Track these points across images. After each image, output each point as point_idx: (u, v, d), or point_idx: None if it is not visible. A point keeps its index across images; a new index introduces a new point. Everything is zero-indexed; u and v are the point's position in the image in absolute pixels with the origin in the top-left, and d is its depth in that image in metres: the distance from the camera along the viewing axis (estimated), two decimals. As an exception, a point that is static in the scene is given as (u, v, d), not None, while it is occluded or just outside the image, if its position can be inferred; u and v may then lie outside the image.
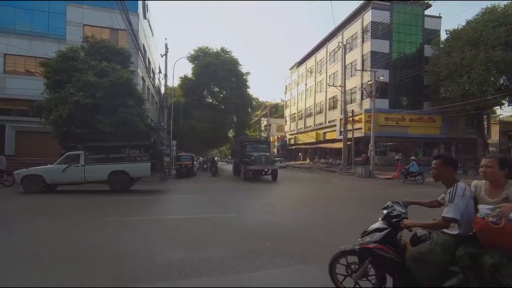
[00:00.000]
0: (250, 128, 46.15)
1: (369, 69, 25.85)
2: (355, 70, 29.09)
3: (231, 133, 43.10)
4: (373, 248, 2.75)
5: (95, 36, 18.82)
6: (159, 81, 32.00)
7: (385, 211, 2.90)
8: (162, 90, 22.20)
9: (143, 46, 25.10)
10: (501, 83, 24.51)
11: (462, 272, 2.33)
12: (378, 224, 2.87)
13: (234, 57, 36.36)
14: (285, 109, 55.80)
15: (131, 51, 18.39)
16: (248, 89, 37.10)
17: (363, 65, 28.54)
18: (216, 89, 37.05)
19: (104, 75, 15.49)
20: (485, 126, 28.81)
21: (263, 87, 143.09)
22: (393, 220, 2.73)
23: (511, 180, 2.35)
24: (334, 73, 34.75)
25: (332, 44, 35.19)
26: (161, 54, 20.27)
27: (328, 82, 34.79)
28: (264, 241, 5.19)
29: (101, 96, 14.84)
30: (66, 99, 14.42)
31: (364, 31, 28.99)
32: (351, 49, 30.65)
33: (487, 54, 21.48)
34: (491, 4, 25.65)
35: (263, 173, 19.01)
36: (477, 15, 24.94)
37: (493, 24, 22.35)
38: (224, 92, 36.05)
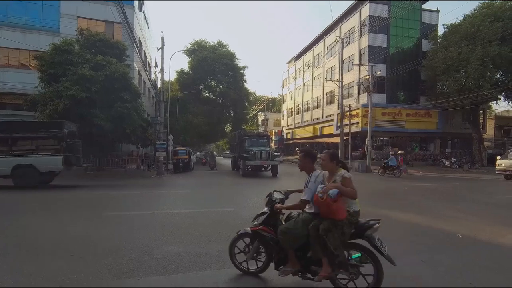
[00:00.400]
0: (248, 123, 46.09)
1: (367, 64, 25.81)
2: (353, 64, 29.05)
3: (228, 128, 43.05)
4: (258, 229, 3.33)
5: (90, 29, 18.57)
6: (156, 75, 31.75)
7: (267, 198, 3.50)
8: (159, 84, 22.03)
9: (139, 40, 24.82)
10: (497, 78, 24.61)
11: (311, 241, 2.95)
12: (265, 209, 3.43)
13: (231, 50, 36.14)
14: (282, 103, 55.71)
15: (127, 44, 18.18)
16: (245, 83, 37.01)
17: (360, 59, 28.48)
18: (213, 83, 36.87)
19: (100, 69, 15.33)
20: (481, 121, 29.01)
21: (260, 81, 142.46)
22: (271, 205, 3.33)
23: (341, 169, 3.06)
24: (331, 68, 34.66)
25: (330, 38, 35.03)
26: (157, 48, 20.07)
27: (325, 76, 34.72)
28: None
29: (96, 90, 14.72)
30: (62, 93, 14.28)
31: (362, 25, 28.86)
32: (349, 43, 30.54)
33: (484, 49, 21.51)
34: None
35: (263, 169, 18.49)
36: (474, 10, 24.92)
37: (490, 18, 22.34)
38: (221, 87, 35.91)
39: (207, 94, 38.24)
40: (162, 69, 19.61)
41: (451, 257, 4.30)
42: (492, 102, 29.17)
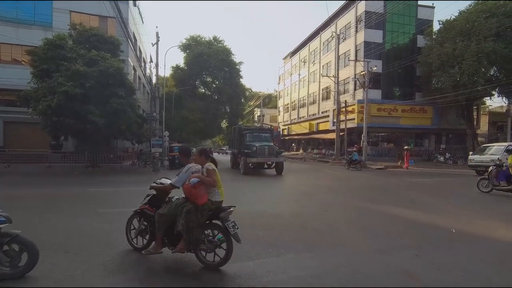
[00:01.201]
0: (244, 119, 46.05)
1: (362, 60, 25.83)
2: (349, 60, 29.06)
3: (224, 124, 42.98)
4: (143, 208, 4.01)
5: (83, 24, 18.30)
6: (151, 70, 31.47)
7: (154, 184, 4.09)
8: (154, 80, 21.84)
9: (133, 35, 24.56)
10: (491, 74, 24.80)
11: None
12: (151, 192, 4.12)
13: (226, 46, 35.95)
14: (279, 99, 55.65)
15: (121, 39, 17.96)
16: (241, 79, 36.92)
17: (356, 55, 28.50)
18: (208, 79, 36.69)
19: (94, 64, 15.15)
20: (475, 117, 29.28)
21: (256, 77, 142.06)
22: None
23: (210, 162, 3.78)
24: (327, 63, 34.64)
25: (326, 34, 34.95)
26: (152, 43, 19.85)
27: (321, 72, 34.70)
28: (256, 230, 5.24)
29: (91, 86, 14.54)
30: (55, 89, 14.09)
31: (357, 20, 28.82)
32: (345, 39, 30.50)
33: (479, 45, 21.63)
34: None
35: (266, 166, 16.98)
36: (469, 6, 24.99)
37: (485, 14, 22.43)
38: (217, 82, 35.74)
39: (203, 90, 38.06)
40: (157, 65, 19.46)
41: (444, 251, 4.36)
42: (486, 98, 29.43)
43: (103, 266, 3.67)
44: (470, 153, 17.47)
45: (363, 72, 23.97)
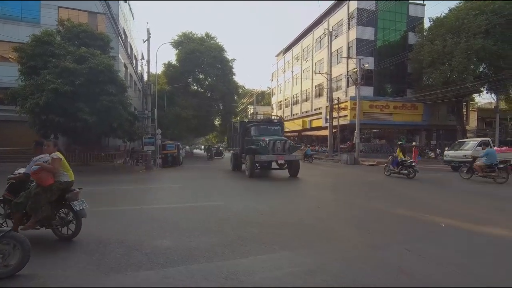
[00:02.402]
0: (237, 116, 45.98)
1: (355, 57, 25.97)
2: (341, 57, 29.17)
3: (217, 121, 42.79)
4: (4, 195, 4.50)
5: (72, 20, 17.93)
6: (142, 67, 31.08)
7: (11, 175, 4.68)
8: (145, 77, 21.57)
9: (124, 31, 24.19)
10: (480, 70, 25.21)
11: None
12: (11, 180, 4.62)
13: (219, 43, 35.70)
14: (272, 96, 55.64)
15: (111, 36, 17.67)
16: (234, 76, 36.72)
17: (348, 52, 28.62)
18: (201, 76, 36.42)
19: (83, 61, 14.88)
20: (464, 113, 29.78)
21: (249, 74, 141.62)
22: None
23: (57, 152, 4.47)
24: (320, 60, 34.73)
25: (318, 31, 35.00)
26: (143, 40, 19.56)
27: (314, 69, 34.79)
28: (251, 228, 5.24)
29: (80, 83, 14.30)
30: (43, 86, 13.81)
31: (350, 17, 28.92)
32: (337, 36, 30.60)
33: (468, 42, 21.95)
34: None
35: (277, 166, 13.90)
36: (459, 3, 25.30)
37: (475, 12, 22.74)
38: (210, 79, 35.50)
39: (196, 87, 37.77)
40: (148, 62, 19.20)
41: (434, 245, 4.43)
42: (475, 94, 29.94)
43: (96, 265, 3.62)
44: (446, 148, 17.74)
45: (355, 69, 24.11)
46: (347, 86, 29.32)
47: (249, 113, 60.99)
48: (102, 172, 15.55)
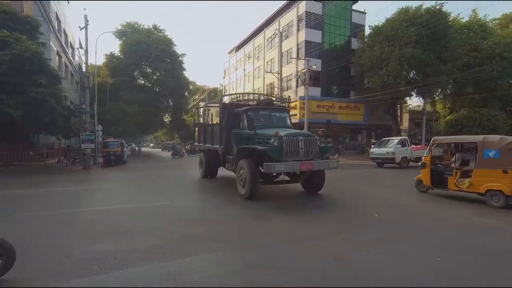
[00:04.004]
0: (188, 113, 44.63)
1: (303, 58, 27.01)
2: (291, 58, 30.11)
3: (167, 118, 41.07)
4: None
5: (-9, -2, 15.52)
6: (80, 57, 28.30)
7: None
8: (84, 68, 19.67)
9: (57, 16, 21.73)
10: (411, 76, 28.17)
11: None
12: None
13: (168, 36, 34.17)
14: (224, 94, 55.22)
15: (40, 20, 15.68)
16: (184, 72, 35.56)
17: (298, 53, 29.66)
18: (148, 70, 34.53)
19: (5, 47, 13.01)
20: (399, 114, 33.08)
21: (201, 70, 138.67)
22: None
23: None
24: (271, 60, 35.42)
25: (270, 31, 35.65)
26: (79, 27, 17.74)
27: (265, 68, 35.35)
28: (197, 227, 5.09)
29: (2, 72, 12.44)
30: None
31: (299, 19, 29.99)
32: (287, 37, 31.50)
33: (401, 50, 24.33)
34: (406, 5, 28.95)
35: (287, 178, 8.51)
36: (394, 14, 27.90)
37: (407, 23, 25.28)
38: (158, 74, 33.85)
39: (142, 81, 35.68)
40: (86, 51, 17.47)
41: (368, 234, 4.78)
42: (407, 97, 33.41)
43: (13, 276, 3.14)
44: (372, 146, 19.46)
45: (304, 70, 25.10)
46: (297, 86, 30.40)
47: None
48: (29, 173, 13.77)
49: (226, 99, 11.57)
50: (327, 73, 29.91)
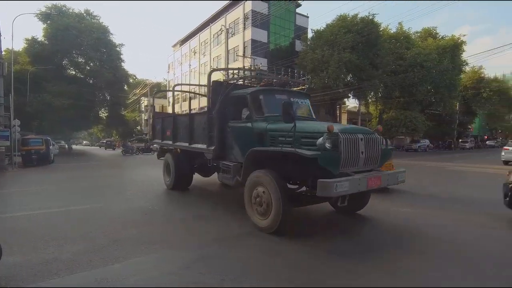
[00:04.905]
0: (127, 108, 41.61)
1: (250, 56, 27.22)
2: (237, 55, 30.11)
3: (103, 113, 37.66)
4: None
5: None
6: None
7: None
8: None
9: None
10: (348, 79, 30.48)
11: None
12: None
13: (103, 23, 31.28)
14: (168, 89, 52.82)
15: None
16: (122, 63, 32.94)
17: (244, 51, 29.80)
18: (80, 60, 31.17)
19: None
20: (338, 114, 35.55)
21: (143, 64, 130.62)
22: None
23: None
24: (218, 56, 34.98)
25: (216, 26, 35.14)
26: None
27: (212, 65, 34.78)
28: (130, 229, 4.66)
29: None
30: None
31: (245, 17, 30.13)
32: (234, 34, 31.42)
33: (340, 54, 26.12)
34: (343, 13, 31.30)
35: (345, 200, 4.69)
36: (333, 20, 29.85)
37: (344, 30, 27.23)
38: (92, 64, 30.78)
39: (73, 72, 32.06)
40: None
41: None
42: (346, 99, 36.12)
43: None
44: None
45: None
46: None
47: (141, 107, 56.15)
48: None
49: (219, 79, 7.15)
50: (272, 72, 30.58)
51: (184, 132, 7.42)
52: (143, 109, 58.05)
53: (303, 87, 7.25)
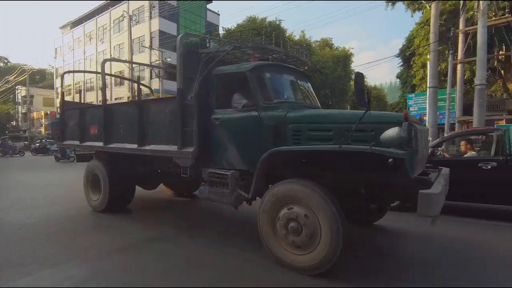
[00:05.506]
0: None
1: (157, 49, 25.53)
2: (142, 46, 27.87)
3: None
4: None
5: None
6: None
7: None
8: None
9: None
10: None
11: None
12: None
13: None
14: (56, 78, 44.80)
15: None
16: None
17: (151, 43, 27.79)
18: None
19: None
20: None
21: (19, 44, 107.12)
22: None
23: None
24: (120, 45, 31.60)
25: (117, 11, 31.60)
26: None
27: (112, 54, 31.19)
28: (4, 248, 3.70)
29: None
30: None
31: (151, 6, 28.10)
32: (138, 22, 28.89)
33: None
34: (253, 15, 32.58)
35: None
36: (244, 21, 30.80)
37: (255, 32, 28.45)
38: None
39: None
40: None
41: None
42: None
43: None
44: None
45: (158, 61, 23.78)
46: (151, 78, 28.46)
47: (17, 98, 46.31)
48: None
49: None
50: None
51: (129, 129, 5.06)
52: (19, 100, 47.78)
53: (305, 67, 5.52)
